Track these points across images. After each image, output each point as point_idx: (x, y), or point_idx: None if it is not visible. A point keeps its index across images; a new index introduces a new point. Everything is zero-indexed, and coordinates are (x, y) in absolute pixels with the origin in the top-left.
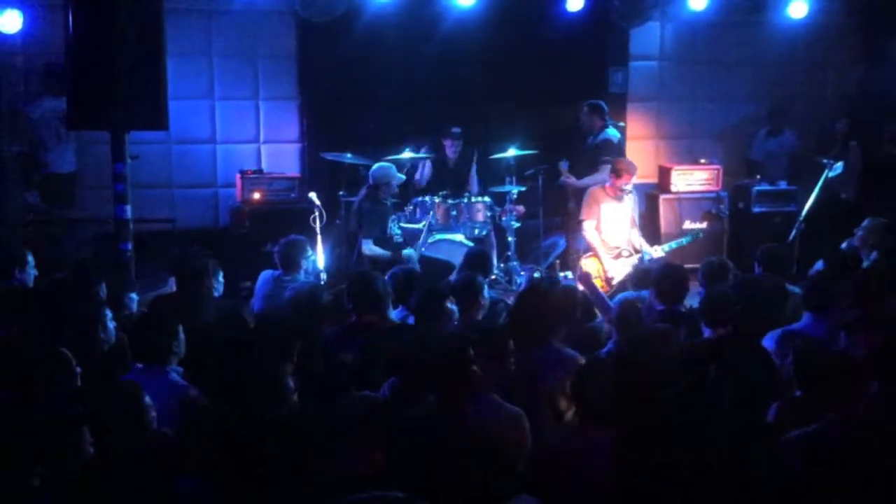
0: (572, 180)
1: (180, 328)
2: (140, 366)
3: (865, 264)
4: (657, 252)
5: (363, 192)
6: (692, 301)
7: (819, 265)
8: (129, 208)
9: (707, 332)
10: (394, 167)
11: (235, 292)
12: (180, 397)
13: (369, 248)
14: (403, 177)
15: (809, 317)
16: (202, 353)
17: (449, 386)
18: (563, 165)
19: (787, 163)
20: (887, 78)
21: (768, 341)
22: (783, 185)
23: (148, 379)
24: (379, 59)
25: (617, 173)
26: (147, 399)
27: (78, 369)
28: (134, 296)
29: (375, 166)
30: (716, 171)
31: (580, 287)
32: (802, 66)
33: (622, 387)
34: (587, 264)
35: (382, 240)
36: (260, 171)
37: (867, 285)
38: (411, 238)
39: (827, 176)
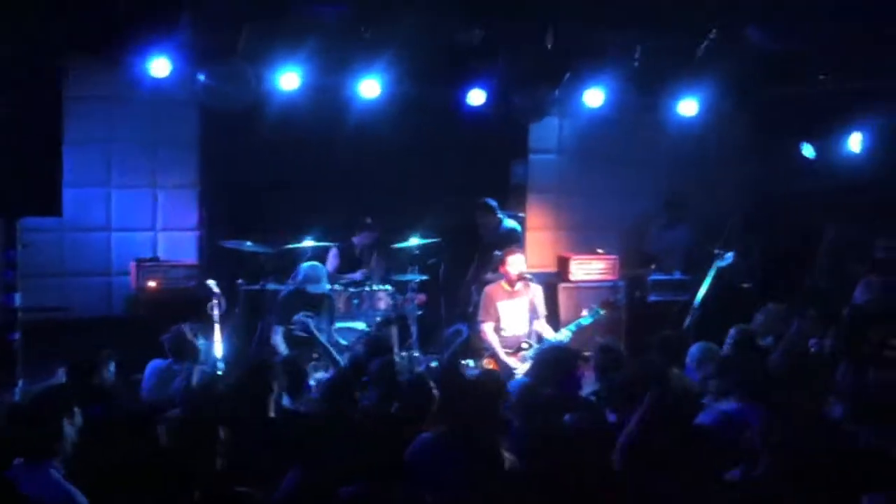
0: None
1: (64, 424)
2: (20, 461)
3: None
4: (561, 336)
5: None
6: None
7: (693, 352)
8: (17, 297)
9: (612, 418)
10: (324, 269)
11: (129, 383)
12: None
13: (277, 339)
14: (327, 286)
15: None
16: (91, 447)
17: (381, 471)
18: None
19: (682, 255)
20: (777, 174)
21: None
22: (678, 274)
23: (28, 475)
24: (283, 148)
25: (502, 261)
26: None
27: None
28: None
29: (307, 265)
30: (613, 261)
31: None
32: (696, 161)
33: None
34: (488, 365)
35: (288, 332)
36: (156, 258)
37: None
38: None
39: (718, 266)
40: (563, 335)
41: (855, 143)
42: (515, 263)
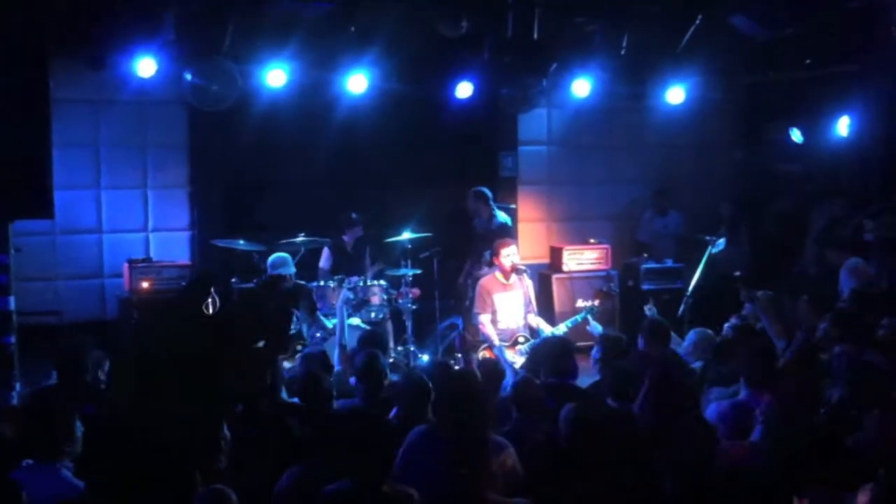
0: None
1: (77, 425)
2: (29, 462)
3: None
4: (558, 331)
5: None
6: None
7: (691, 337)
8: (12, 300)
9: (612, 405)
10: (289, 257)
11: None
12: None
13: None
14: (294, 269)
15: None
16: (89, 446)
17: (369, 468)
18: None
19: (673, 243)
20: (764, 160)
21: (711, 413)
22: (669, 262)
23: (37, 476)
24: (272, 146)
25: (496, 253)
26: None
27: None
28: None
29: (271, 257)
30: (605, 251)
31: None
32: (684, 149)
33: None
34: (484, 356)
35: None
36: (149, 259)
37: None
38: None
39: (710, 252)
40: (560, 330)
41: (842, 126)
42: (509, 255)
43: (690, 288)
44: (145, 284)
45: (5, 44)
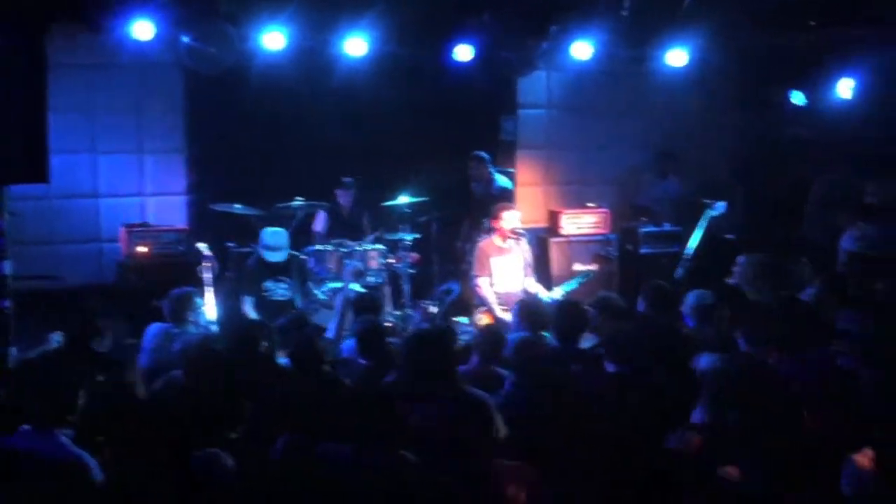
0: None
1: (79, 393)
2: (27, 428)
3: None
4: (554, 295)
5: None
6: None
7: (691, 300)
8: (8, 264)
9: (611, 368)
10: (285, 236)
11: (121, 349)
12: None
13: (248, 307)
14: (286, 255)
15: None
16: (92, 415)
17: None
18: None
19: (672, 207)
20: (765, 124)
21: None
22: (668, 226)
23: (35, 442)
24: (270, 110)
25: (495, 217)
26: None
27: None
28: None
29: (268, 232)
30: (604, 215)
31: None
32: (685, 114)
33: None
34: (482, 319)
35: (261, 300)
36: (146, 223)
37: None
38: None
39: (710, 216)
40: (557, 294)
41: (844, 89)
42: (510, 219)
43: (688, 250)
44: (143, 249)
45: (2, 8)
